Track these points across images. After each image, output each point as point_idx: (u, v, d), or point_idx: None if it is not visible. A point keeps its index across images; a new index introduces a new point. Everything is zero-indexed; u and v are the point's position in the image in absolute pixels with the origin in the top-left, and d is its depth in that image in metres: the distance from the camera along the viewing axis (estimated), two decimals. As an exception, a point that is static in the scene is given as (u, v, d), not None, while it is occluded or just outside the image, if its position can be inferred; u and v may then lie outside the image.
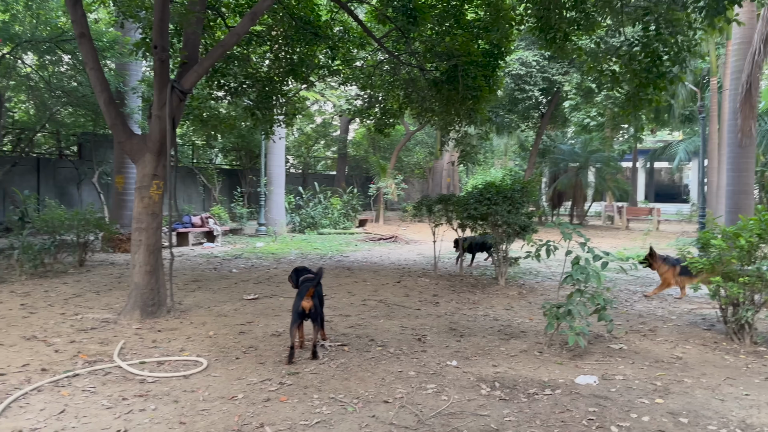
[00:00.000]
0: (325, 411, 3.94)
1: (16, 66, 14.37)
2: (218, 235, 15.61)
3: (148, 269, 6.68)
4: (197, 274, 10.12)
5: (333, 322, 6.56)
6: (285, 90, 11.34)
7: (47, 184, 16.23)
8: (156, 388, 4.35)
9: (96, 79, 6.58)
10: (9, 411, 3.85)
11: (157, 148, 6.62)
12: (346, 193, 21.84)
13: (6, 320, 6.36)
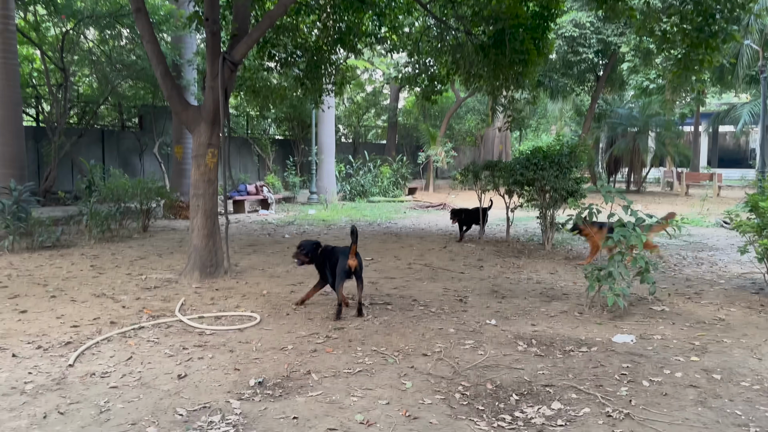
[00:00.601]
0: (367, 361, 4.20)
1: (79, 41, 15.05)
2: (272, 203, 16.12)
3: (205, 233, 7.08)
4: (252, 239, 10.58)
5: (378, 283, 6.81)
6: (333, 59, 11.50)
7: (111, 155, 17.06)
8: (213, 340, 4.71)
9: (152, 53, 6.93)
10: (83, 357, 4.28)
11: (211, 118, 6.94)
12: (395, 162, 21.98)
13: (78, 279, 6.91)
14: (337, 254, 5.46)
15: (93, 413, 3.35)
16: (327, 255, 5.60)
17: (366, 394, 3.62)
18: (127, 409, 3.41)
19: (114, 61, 14.59)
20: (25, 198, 9.22)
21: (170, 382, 3.81)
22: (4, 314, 5.37)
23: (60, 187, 14.98)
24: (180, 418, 3.29)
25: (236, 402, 3.51)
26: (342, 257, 5.37)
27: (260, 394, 3.64)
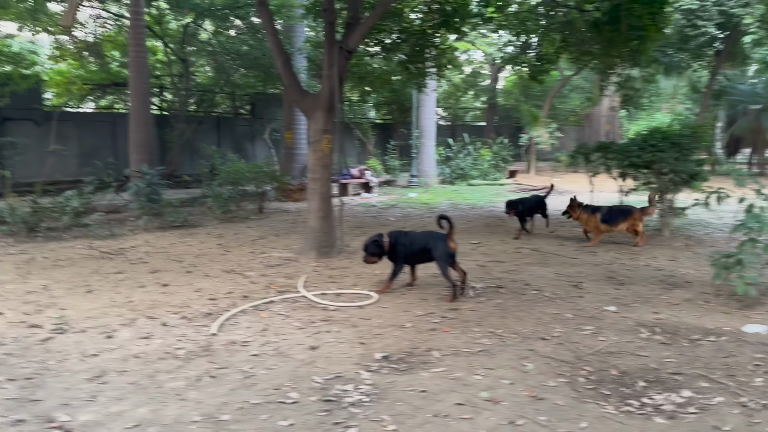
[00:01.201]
0: (485, 342, 4.30)
1: (197, 33, 16.03)
2: (374, 186, 16.46)
3: (321, 215, 7.44)
4: (359, 221, 10.92)
5: (487, 267, 6.86)
6: (437, 42, 11.52)
7: (226, 140, 18.11)
8: (337, 315, 4.99)
9: (274, 44, 7.30)
10: (223, 327, 4.69)
11: (327, 106, 7.23)
12: (495, 144, 21.66)
13: (208, 257, 7.50)
14: (429, 239, 5.62)
15: (239, 377, 3.69)
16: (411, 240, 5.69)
17: (488, 374, 3.73)
18: (269, 375, 3.73)
19: (229, 51, 15.41)
20: (156, 181, 10.06)
21: (304, 353, 4.11)
22: (149, 287, 5.96)
23: (181, 171, 16.14)
24: (317, 386, 3.56)
25: (366, 373, 3.73)
26: (441, 242, 5.52)
27: (387, 367, 3.84)
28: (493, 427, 3.04)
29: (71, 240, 8.62)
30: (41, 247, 8.09)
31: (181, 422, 3.10)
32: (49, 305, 5.26)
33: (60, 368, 3.83)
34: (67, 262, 7.09)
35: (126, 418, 3.15)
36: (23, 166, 13.39)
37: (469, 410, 3.22)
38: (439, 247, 5.52)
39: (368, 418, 3.14)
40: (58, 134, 13.86)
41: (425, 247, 5.59)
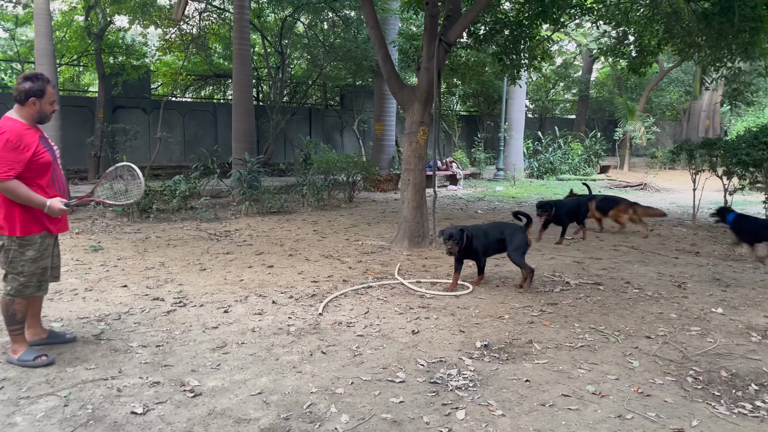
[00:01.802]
0: (587, 338, 4.29)
1: (293, 26, 16.57)
2: (460, 179, 16.47)
3: (414, 205, 7.58)
4: (447, 213, 11.00)
5: (584, 263, 6.77)
6: (533, 33, 11.34)
7: (317, 131, 18.66)
8: (434, 303, 5.12)
9: (375, 37, 7.49)
10: (327, 309, 4.93)
11: (424, 98, 7.35)
12: (587, 138, 21.03)
13: (306, 242, 7.83)
14: (505, 229, 5.70)
15: (348, 355, 3.90)
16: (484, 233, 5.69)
17: (593, 368, 3.74)
18: (375, 355, 3.91)
19: (323, 43, 15.83)
20: (256, 169, 10.57)
21: (406, 336, 4.26)
22: (255, 267, 6.33)
23: (275, 160, 16.81)
24: (422, 368, 3.70)
25: (468, 360, 3.84)
26: (520, 233, 5.66)
27: (488, 355, 3.93)
28: (601, 420, 3.06)
29: (179, 222, 9.24)
30: (153, 227, 8.73)
31: (300, 392, 3.33)
32: (167, 281, 5.71)
33: (185, 338, 4.19)
34: (179, 242, 7.64)
35: (249, 385, 3.42)
36: (133, 151, 14.42)
37: (575, 402, 3.26)
38: (517, 238, 5.61)
39: (475, 402, 3.25)
40: (164, 122, 14.79)
41: (501, 238, 5.65)
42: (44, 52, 9.66)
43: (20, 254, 3.62)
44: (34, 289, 3.72)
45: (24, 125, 3.57)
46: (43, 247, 3.70)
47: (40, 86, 3.61)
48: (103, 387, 3.36)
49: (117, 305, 4.89)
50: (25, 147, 3.50)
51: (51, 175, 3.69)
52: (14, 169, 3.46)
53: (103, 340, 4.09)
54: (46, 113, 3.68)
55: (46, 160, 3.62)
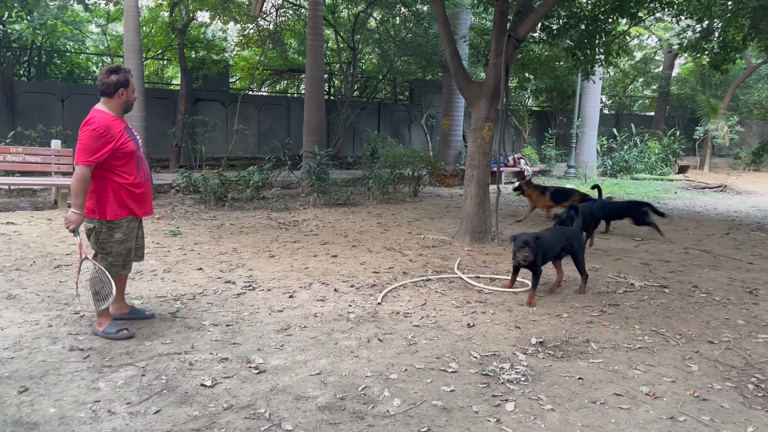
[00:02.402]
0: (647, 340, 4.24)
1: (366, 21, 16.81)
2: (528, 176, 16.21)
3: (477, 201, 7.62)
4: (512, 210, 10.93)
5: (651, 265, 6.61)
6: (609, 28, 11.04)
7: (385, 125, 18.88)
8: (491, 299, 5.18)
9: (444, 33, 7.56)
10: (386, 299, 5.09)
11: (491, 94, 7.36)
12: (666, 136, 20.19)
13: (369, 234, 8.03)
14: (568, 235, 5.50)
15: (404, 344, 4.04)
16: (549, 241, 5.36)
17: (649, 370, 3.71)
18: (430, 345, 4.03)
19: (394, 38, 15.99)
20: (324, 161, 10.87)
21: (461, 329, 4.36)
22: (320, 256, 6.58)
23: (344, 153, 17.15)
24: (475, 360, 3.79)
25: (522, 355, 3.89)
26: (581, 238, 5.62)
27: (542, 352, 3.97)
28: (652, 420, 3.06)
29: (252, 210, 9.66)
30: (228, 215, 9.18)
31: (356, 375, 3.50)
32: (239, 265, 6.04)
33: (252, 319, 4.45)
34: (251, 230, 8.01)
35: (309, 366, 3.62)
36: (211, 142, 15.12)
37: (627, 401, 3.26)
38: (581, 244, 5.54)
39: (525, 395, 3.31)
40: (241, 115, 15.41)
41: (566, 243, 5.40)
42: (132, 47, 10.31)
43: (109, 236, 3.97)
44: (119, 268, 4.08)
45: (111, 116, 3.89)
46: (129, 229, 4.05)
47: (125, 77, 3.93)
48: (176, 360, 3.65)
49: (192, 286, 5.24)
50: (110, 137, 3.82)
51: (135, 163, 4.02)
52: (97, 157, 3.78)
53: (178, 318, 4.41)
54: (131, 102, 4.02)
55: (130, 148, 3.94)
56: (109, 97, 3.92)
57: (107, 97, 3.92)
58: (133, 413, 2.99)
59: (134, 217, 4.07)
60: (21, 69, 14.67)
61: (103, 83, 3.90)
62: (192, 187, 10.32)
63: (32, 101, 13.37)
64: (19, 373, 3.39)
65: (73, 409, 3.00)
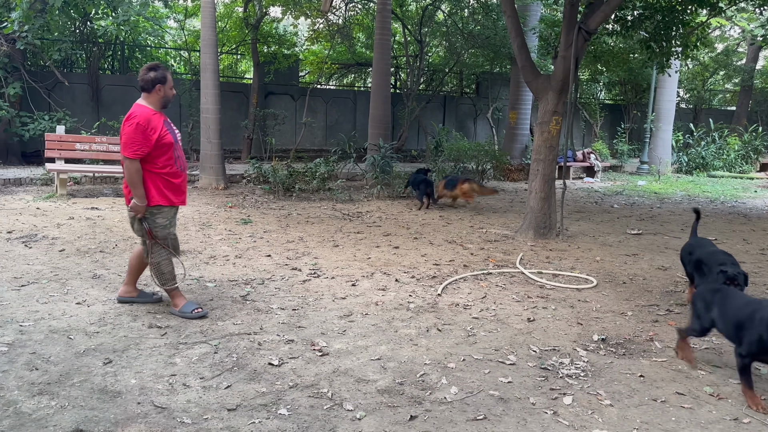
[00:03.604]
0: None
1: (434, 14, 16.78)
2: (598, 171, 15.81)
3: (542, 196, 7.54)
4: (579, 205, 10.71)
5: (725, 265, 6.35)
6: (687, 19, 10.59)
7: (450, 118, 18.82)
8: (553, 294, 5.15)
9: (512, 26, 7.50)
10: (446, 291, 5.16)
11: (559, 87, 7.25)
12: (747, 132, 19.14)
13: (431, 227, 8.10)
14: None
15: (462, 335, 4.11)
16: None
17: (715, 371, 3.62)
18: (489, 337, 4.08)
19: (463, 31, 15.90)
20: (388, 154, 11.00)
21: (521, 323, 4.38)
22: (382, 247, 6.71)
23: (408, 146, 17.24)
24: (534, 354, 3.81)
25: (582, 351, 3.88)
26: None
27: (604, 349, 3.94)
28: (715, 420, 3.01)
29: (318, 201, 9.92)
30: (295, 205, 9.47)
31: (415, 363, 3.60)
32: (305, 253, 6.26)
33: (317, 305, 4.63)
34: (317, 220, 8.25)
35: (370, 351, 3.75)
36: (280, 135, 15.56)
37: (689, 401, 3.21)
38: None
39: (584, 390, 3.31)
40: (309, 108, 15.76)
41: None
42: (208, 42, 10.75)
43: (153, 222, 4.19)
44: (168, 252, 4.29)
45: (151, 110, 4.11)
46: (171, 215, 4.27)
47: (162, 74, 4.13)
48: (246, 340, 3.87)
49: (261, 272, 5.49)
50: (152, 129, 4.03)
51: (173, 154, 4.21)
52: (142, 149, 4.00)
53: (248, 301, 4.65)
54: (169, 97, 4.21)
55: (169, 140, 4.14)
56: (148, 93, 4.15)
57: (146, 93, 4.15)
58: (205, 387, 3.21)
59: (172, 205, 4.27)
60: (105, 63, 15.55)
61: (143, 80, 4.13)
62: (262, 178, 10.69)
63: (115, 93, 14.17)
64: (103, 346, 3.69)
65: (152, 381, 3.25)
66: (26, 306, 4.33)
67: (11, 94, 11.57)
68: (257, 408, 3.00)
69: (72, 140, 9.77)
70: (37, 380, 3.20)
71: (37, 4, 11.16)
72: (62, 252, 5.89)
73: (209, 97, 10.70)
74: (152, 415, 2.90)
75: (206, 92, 10.71)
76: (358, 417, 2.94)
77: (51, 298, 4.53)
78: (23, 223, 7.10)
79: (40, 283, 4.89)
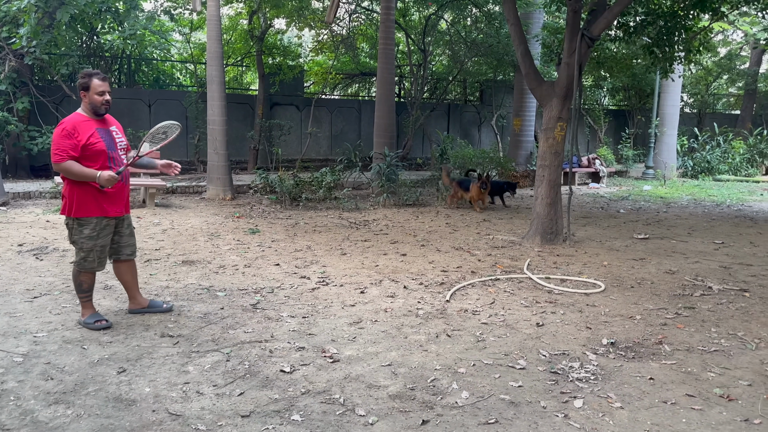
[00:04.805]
0: (723, 343, 4.13)
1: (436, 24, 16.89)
2: (603, 176, 15.81)
3: (548, 201, 7.56)
4: (585, 211, 10.73)
5: (732, 269, 6.37)
6: (689, 24, 10.63)
7: (454, 126, 18.88)
8: (562, 299, 5.17)
9: (515, 34, 7.56)
10: (454, 297, 5.18)
11: (563, 93, 7.30)
12: (752, 136, 19.13)
13: (438, 233, 8.13)
14: None
15: (472, 340, 4.13)
16: None
17: (724, 373, 3.63)
18: (498, 342, 4.10)
19: (466, 39, 15.99)
20: (394, 163, 11.06)
21: (530, 328, 4.40)
22: (390, 255, 6.74)
23: (413, 154, 17.30)
24: (544, 358, 3.83)
25: (592, 355, 3.90)
26: None
27: (613, 353, 3.95)
28: (725, 422, 3.02)
29: (324, 210, 9.98)
30: (302, 214, 9.52)
31: (425, 368, 3.63)
32: (313, 262, 6.30)
33: (326, 312, 4.66)
34: (324, 229, 8.29)
35: (380, 358, 3.78)
36: (286, 144, 15.64)
37: (699, 402, 3.23)
38: None
39: (594, 393, 3.33)
40: (314, 118, 15.86)
41: None
42: (214, 54, 10.87)
43: (79, 232, 4.12)
44: (92, 263, 4.18)
45: (83, 117, 4.09)
46: (100, 227, 4.15)
47: (85, 81, 4.07)
48: (258, 348, 3.90)
49: (270, 280, 5.53)
50: (77, 135, 3.98)
51: (107, 163, 4.09)
52: (67, 152, 3.96)
53: (258, 309, 4.69)
54: (96, 104, 4.08)
55: (100, 148, 4.06)
56: (81, 100, 4.15)
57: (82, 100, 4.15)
58: (219, 394, 3.24)
59: (106, 216, 4.18)
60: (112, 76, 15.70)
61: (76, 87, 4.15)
62: (269, 188, 10.75)
63: (123, 107, 14.29)
64: (117, 355, 3.73)
65: (165, 389, 3.29)
66: (39, 317, 4.38)
67: (20, 108, 11.71)
68: (270, 414, 3.03)
69: (81, 153, 9.86)
70: (53, 389, 3.24)
71: (45, 19, 11.32)
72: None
73: (216, 109, 10.79)
74: (167, 422, 2.93)
75: (213, 104, 10.81)
76: (370, 422, 2.97)
77: (63, 309, 4.59)
78: (34, 236, 7.18)
79: (52, 294, 4.95)
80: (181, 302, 4.82)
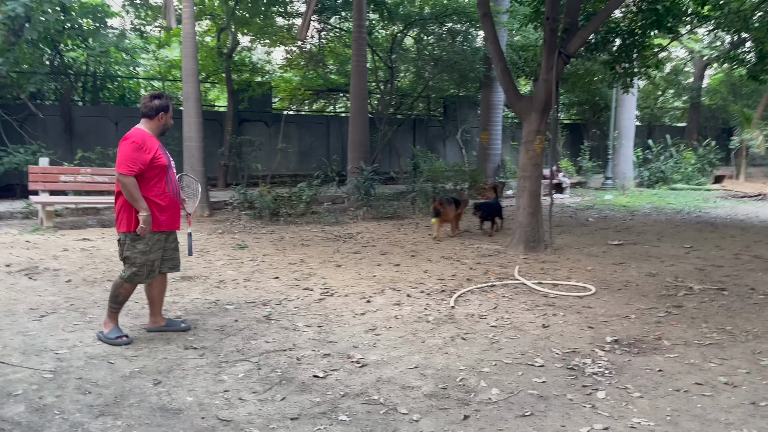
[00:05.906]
0: (715, 337, 4.47)
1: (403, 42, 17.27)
2: (566, 187, 16.40)
3: (530, 211, 7.89)
4: (556, 220, 11.10)
5: (706, 270, 6.80)
6: (646, 42, 11.28)
7: (420, 140, 19.24)
8: (558, 302, 5.45)
9: (494, 52, 7.91)
10: (458, 303, 5.39)
11: (542, 108, 7.67)
12: (701, 146, 20.22)
13: (424, 244, 8.35)
14: None
15: (486, 342, 4.34)
16: None
17: (723, 363, 3.95)
18: (511, 343, 4.32)
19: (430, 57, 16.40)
20: (370, 177, 11.26)
21: (537, 329, 4.64)
22: (384, 266, 6.91)
23: (382, 169, 17.50)
24: (557, 356, 4.07)
25: (600, 351, 4.16)
26: None
27: (619, 349, 4.23)
28: (735, 405, 3.31)
29: (305, 225, 10.06)
30: (284, 229, 9.59)
31: (451, 369, 3.81)
32: (310, 274, 6.41)
33: (340, 321, 4.79)
34: (311, 242, 8.40)
35: (405, 361, 3.94)
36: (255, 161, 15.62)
37: (708, 389, 3.51)
38: None
39: (613, 385, 3.58)
40: (284, 134, 15.92)
41: None
42: (190, 71, 10.86)
43: (132, 247, 4.20)
44: (142, 278, 4.26)
45: (148, 134, 4.25)
46: (153, 242, 4.25)
47: (166, 102, 4.30)
48: (284, 356, 4.00)
49: (275, 293, 5.61)
50: (147, 150, 4.15)
51: (165, 178, 4.30)
52: (137, 165, 4.09)
53: (273, 320, 4.78)
54: (168, 125, 4.38)
55: (163, 162, 4.25)
56: (149, 119, 4.29)
57: (148, 119, 4.29)
58: (261, 400, 3.34)
59: (159, 231, 4.28)
60: (76, 94, 15.40)
61: (146, 106, 4.28)
62: (247, 204, 10.76)
63: (89, 125, 14.04)
64: (147, 368, 3.77)
65: (207, 398, 3.36)
66: (54, 335, 4.36)
67: (-16, 127, 11.38)
68: (317, 416, 3.15)
69: (57, 172, 9.71)
70: (94, 402, 3.27)
71: (11, 37, 11.09)
72: (70, 282, 5.89)
73: (192, 126, 10.78)
74: (220, 428, 3.02)
75: (189, 121, 10.79)
76: (414, 419, 3.13)
77: (76, 326, 4.57)
78: (18, 257, 7.03)
79: (59, 312, 4.91)
80: (192, 316, 4.87)
